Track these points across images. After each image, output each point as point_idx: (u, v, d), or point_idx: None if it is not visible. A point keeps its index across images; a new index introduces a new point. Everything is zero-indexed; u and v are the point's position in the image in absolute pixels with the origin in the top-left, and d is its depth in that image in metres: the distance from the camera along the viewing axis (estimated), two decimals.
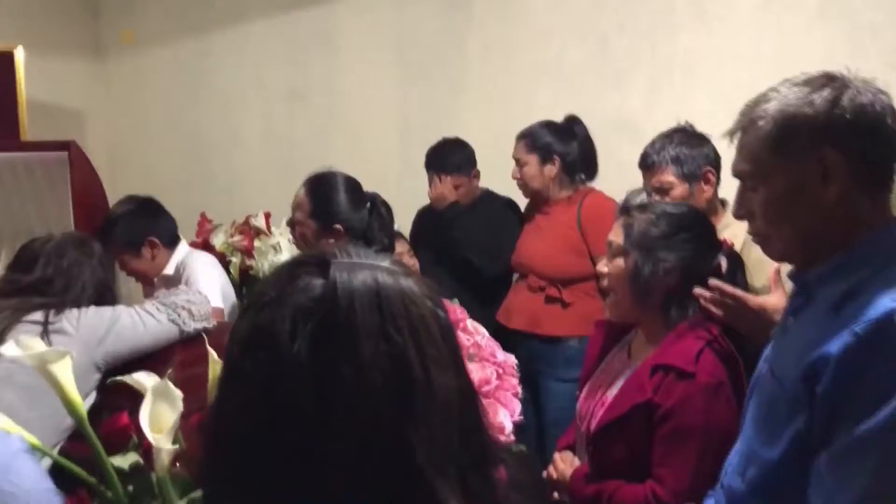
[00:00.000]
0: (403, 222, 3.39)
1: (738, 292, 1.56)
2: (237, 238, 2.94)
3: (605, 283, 1.71)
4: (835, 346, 1.04)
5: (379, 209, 2.32)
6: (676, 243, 1.62)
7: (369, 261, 0.74)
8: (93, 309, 1.76)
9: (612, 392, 1.66)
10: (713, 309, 1.57)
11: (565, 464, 1.71)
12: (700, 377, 1.52)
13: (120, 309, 1.78)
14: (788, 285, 2.00)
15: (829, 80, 1.14)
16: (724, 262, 1.66)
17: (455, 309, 1.53)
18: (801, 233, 1.16)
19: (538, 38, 3.53)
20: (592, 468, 1.65)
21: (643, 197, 1.74)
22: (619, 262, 1.65)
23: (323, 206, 2.24)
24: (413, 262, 2.90)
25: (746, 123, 1.17)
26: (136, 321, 1.76)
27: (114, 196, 2.99)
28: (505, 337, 2.91)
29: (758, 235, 1.21)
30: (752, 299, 1.56)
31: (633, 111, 3.30)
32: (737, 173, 1.21)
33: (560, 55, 3.48)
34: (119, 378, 1.18)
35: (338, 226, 2.22)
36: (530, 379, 2.73)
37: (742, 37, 3.10)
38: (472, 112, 3.67)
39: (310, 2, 4.09)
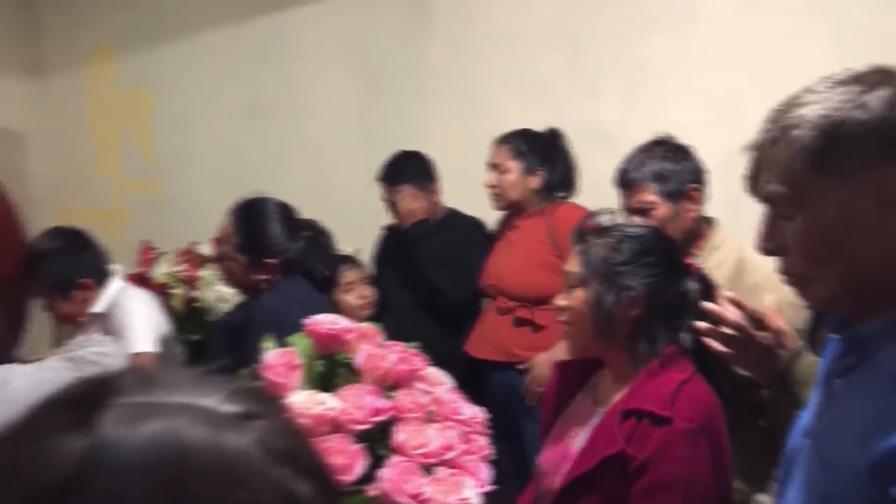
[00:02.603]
0: (368, 241, 3.19)
1: (764, 312, 1.32)
2: (179, 267, 2.70)
3: (563, 317, 1.54)
4: None
5: (318, 237, 2.12)
6: (640, 269, 1.47)
7: (179, 396, 0.43)
8: None
9: (579, 443, 1.49)
10: (716, 345, 1.35)
11: None
12: (678, 422, 1.36)
13: (13, 369, 1.53)
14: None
15: (885, 76, 0.89)
16: (694, 289, 1.49)
17: (411, 357, 1.31)
18: (851, 273, 0.89)
19: (505, 44, 3.34)
20: None
21: (608, 218, 1.57)
22: (579, 293, 1.50)
23: (252, 237, 2.04)
24: (368, 293, 2.68)
25: (777, 134, 0.92)
26: (33, 382, 1.51)
27: (57, 221, 2.75)
28: (476, 369, 2.70)
29: (792, 276, 0.95)
30: (772, 321, 1.32)
31: (608, 121, 3.12)
32: (765, 197, 0.94)
33: (528, 63, 3.29)
34: None
35: (270, 259, 2.01)
36: (508, 421, 2.53)
37: (722, 38, 2.93)
38: (438, 124, 3.48)
39: (263, 11, 3.87)
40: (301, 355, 1.25)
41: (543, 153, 2.68)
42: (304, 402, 1.10)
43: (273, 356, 1.19)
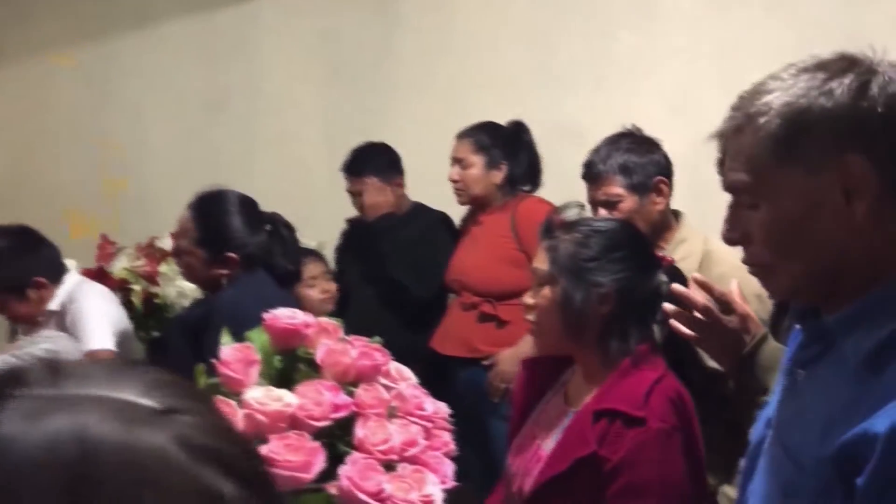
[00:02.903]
0: (332, 236, 3.15)
1: (731, 296, 1.30)
2: (139, 263, 2.64)
3: (531, 316, 1.50)
4: (881, 421, 0.77)
5: (280, 231, 2.08)
6: (610, 264, 1.43)
7: (92, 389, 0.40)
8: None
9: (550, 444, 1.45)
10: (684, 329, 1.32)
11: None
12: (651, 423, 1.34)
13: None
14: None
15: (850, 63, 0.87)
16: (664, 282, 1.46)
17: (373, 352, 1.28)
18: (816, 264, 0.88)
19: (473, 40, 3.32)
20: None
21: (575, 212, 1.53)
22: (547, 291, 1.45)
23: (212, 231, 2.00)
24: (331, 287, 2.64)
25: (742, 121, 0.89)
26: None
27: (15, 217, 2.66)
28: (442, 366, 2.68)
29: (756, 266, 0.94)
30: (739, 305, 1.29)
31: (576, 116, 3.11)
32: (729, 186, 0.93)
33: (497, 58, 3.27)
34: None
35: (231, 254, 1.96)
36: (474, 418, 2.50)
37: (687, 33, 2.95)
38: (407, 119, 3.43)
39: (228, 1, 3.81)
40: (259, 351, 1.22)
41: (506, 146, 2.66)
42: (261, 398, 1.07)
43: (229, 352, 1.15)
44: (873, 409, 0.79)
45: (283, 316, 1.23)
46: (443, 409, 1.36)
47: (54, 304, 2.31)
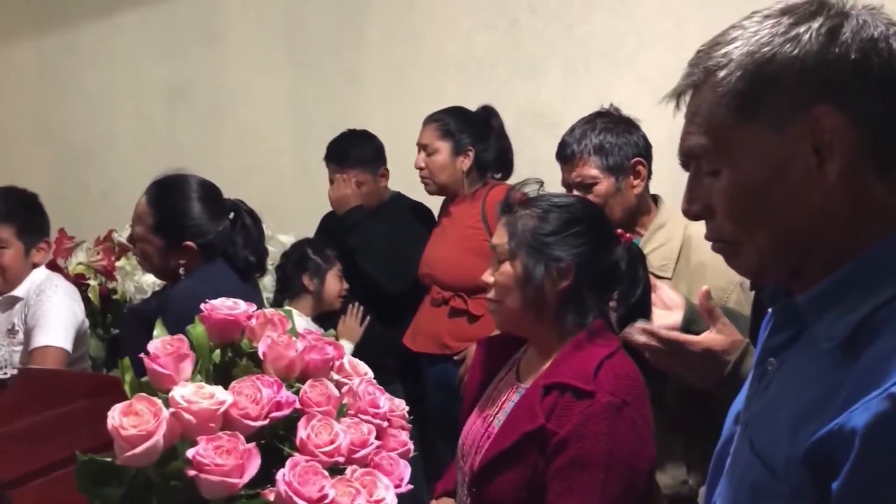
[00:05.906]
0: (301, 229, 3.04)
1: (677, 336, 1.24)
2: (95, 257, 2.52)
3: (491, 294, 1.49)
4: (859, 415, 0.66)
5: (243, 220, 1.97)
6: (569, 238, 1.44)
7: None
8: None
9: (500, 420, 1.44)
10: (648, 357, 1.29)
11: None
12: (600, 396, 1.33)
13: None
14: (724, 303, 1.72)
15: (819, 6, 0.76)
16: (624, 258, 1.47)
17: (325, 346, 1.17)
18: (783, 235, 0.77)
19: (442, 22, 3.23)
20: None
21: (534, 189, 1.54)
22: (507, 267, 1.46)
23: (170, 218, 1.89)
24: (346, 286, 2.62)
25: (700, 77, 0.79)
26: None
27: None
28: (414, 362, 2.58)
29: (720, 241, 0.83)
30: (696, 343, 1.22)
31: (549, 101, 3.02)
32: (687, 151, 0.82)
33: (467, 41, 3.17)
34: None
35: (189, 242, 1.86)
36: (446, 413, 2.41)
37: (665, 15, 2.85)
38: (372, 107, 3.34)
39: None
40: (195, 344, 1.10)
41: (475, 132, 2.54)
42: (190, 395, 0.96)
43: (158, 345, 1.04)
44: (850, 401, 0.68)
45: (222, 306, 1.11)
46: (400, 406, 1.25)
47: (19, 291, 2.26)
